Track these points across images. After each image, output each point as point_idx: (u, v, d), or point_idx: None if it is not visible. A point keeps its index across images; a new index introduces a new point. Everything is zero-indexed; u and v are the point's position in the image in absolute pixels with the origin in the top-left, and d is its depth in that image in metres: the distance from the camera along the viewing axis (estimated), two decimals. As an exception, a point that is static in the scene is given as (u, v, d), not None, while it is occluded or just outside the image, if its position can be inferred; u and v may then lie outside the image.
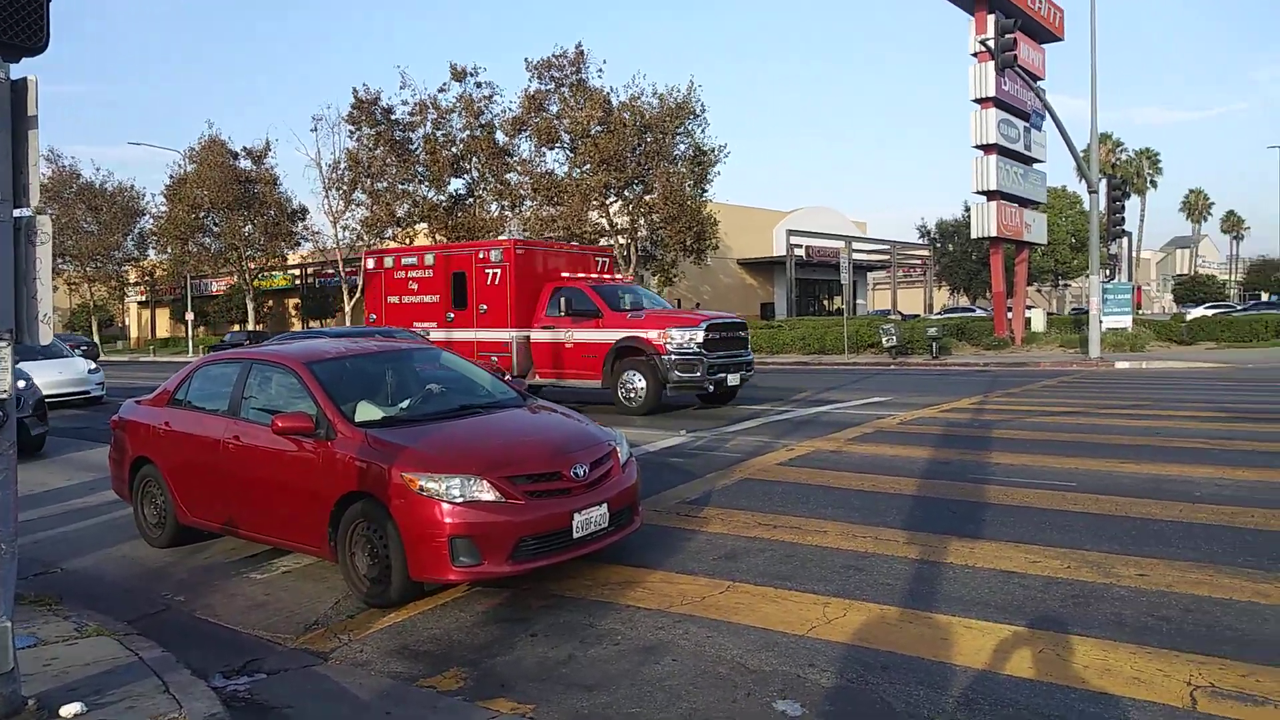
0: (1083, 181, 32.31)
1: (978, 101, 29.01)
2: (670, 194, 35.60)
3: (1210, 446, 10.15)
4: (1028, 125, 30.87)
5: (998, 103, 28.77)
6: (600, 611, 5.37)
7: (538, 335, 15.97)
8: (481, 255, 16.47)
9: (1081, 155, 26.95)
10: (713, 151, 37.57)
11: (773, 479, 9.00)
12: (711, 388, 14.63)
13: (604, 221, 37.39)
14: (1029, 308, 40.88)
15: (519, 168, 39.07)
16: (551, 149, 38.26)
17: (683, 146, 37.51)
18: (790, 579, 5.79)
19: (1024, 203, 31.59)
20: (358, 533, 5.68)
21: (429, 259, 17.38)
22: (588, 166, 36.20)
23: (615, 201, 37.61)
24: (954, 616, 5.05)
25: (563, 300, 15.53)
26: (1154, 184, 77.07)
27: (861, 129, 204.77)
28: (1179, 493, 7.85)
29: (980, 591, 5.44)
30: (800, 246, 49.79)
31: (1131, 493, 7.90)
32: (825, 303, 57.94)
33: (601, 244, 39.56)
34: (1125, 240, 40.52)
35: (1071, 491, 7.97)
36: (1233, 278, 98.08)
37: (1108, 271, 37.26)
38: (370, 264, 18.38)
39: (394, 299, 17.76)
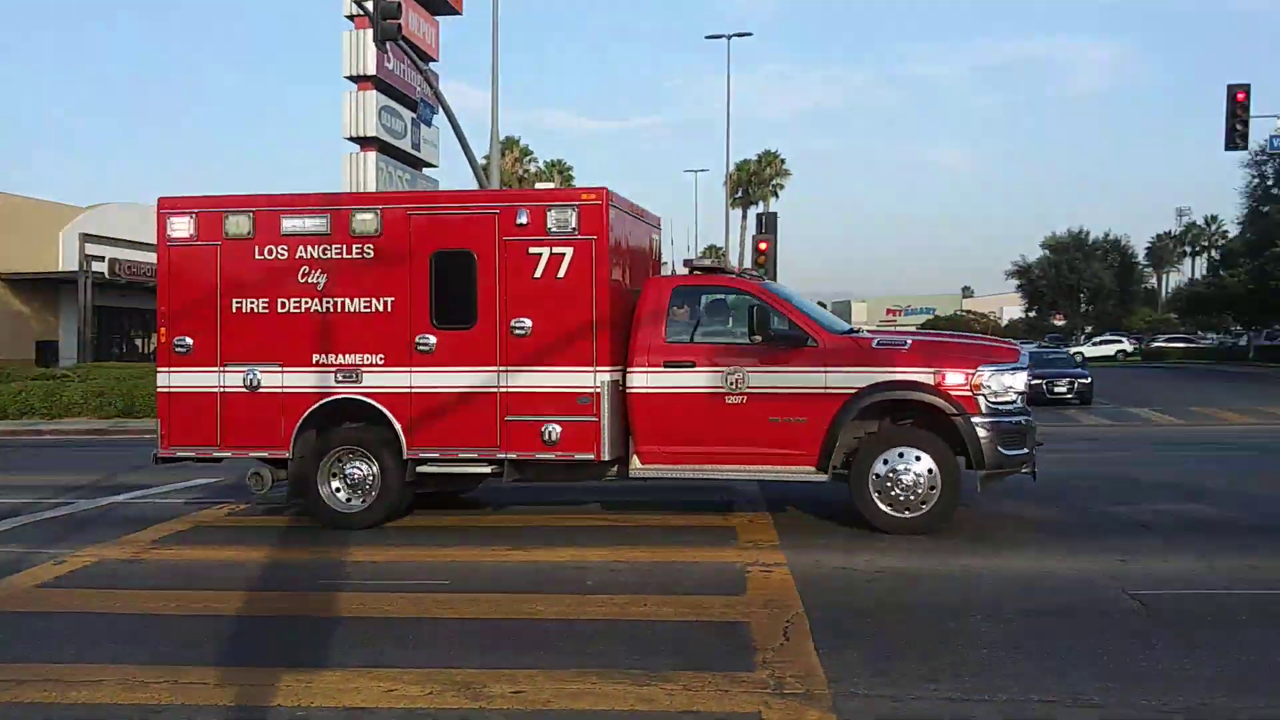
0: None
1: (354, 80, 30.27)
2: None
3: (608, 524, 11.67)
4: (416, 118, 32.90)
5: (380, 85, 30.27)
6: None
7: (646, 379, 11.33)
8: (523, 220, 11.22)
9: (482, 163, 29.46)
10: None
11: (25, 610, 8.36)
12: (1034, 473, 11.40)
13: None
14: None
15: None
16: None
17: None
18: (34, 761, 5.31)
19: (410, 217, 33.47)
20: None
21: (364, 222, 11.50)
22: None
23: None
24: (275, 782, 5.04)
25: (747, 314, 11.12)
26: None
27: (216, 97, 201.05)
28: (570, 582, 8.88)
29: (315, 741, 5.52)
30: (102, 259, 47.13)
31: (516, 587, 8.74)
32: (141, 341, 55.59)
33: None
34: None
35: (444, 592, 8.57)
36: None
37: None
38: (182, 228, 11.98)
39: (254, 304, 11.72)
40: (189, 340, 11.82)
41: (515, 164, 76.40)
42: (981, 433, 10.67)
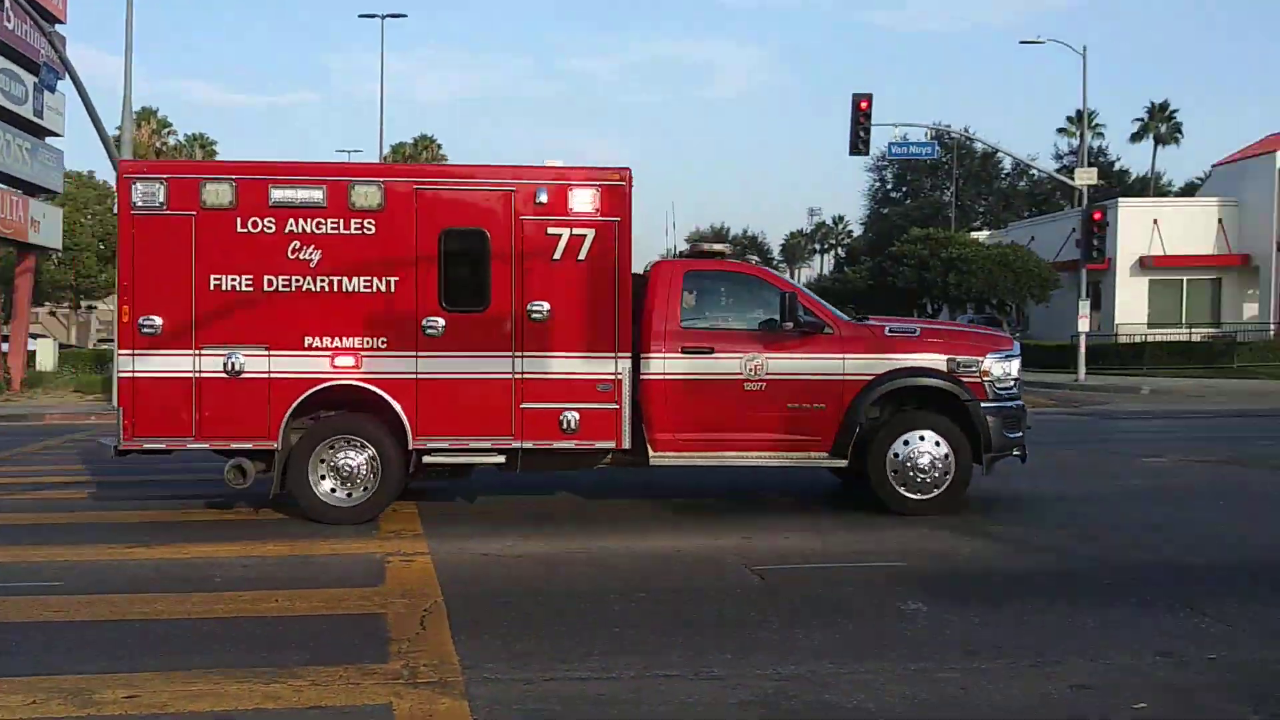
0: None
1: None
2: None
3: (241, 518, 11.26)
4: (39, 83, 30.61)
5: (-3, 44, 28.23)
6: None
7: (664, 366, 11.05)
8: (543, 199, 10.76)
9: (114, 134, 27.56)
10: None
11: None
12: (1024, 456, 11.72)
13: None
14: (36, 337, 40.44)
15: None
16: None
17: None
18: None
19: (31, 189, 31.46)
20: None
21: (367, 195, 10.64)
22: None
23: None
24: None
25: (774, 301, 11.19)
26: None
27: None
28: (197, 580, 8.49)
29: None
30: None
31: (137, 587, 8.26)
32: None
33: None
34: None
35: (56, 595, 7.98)
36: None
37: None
38: (150, 196, 10.58)
39: (236, 281, 10.59)
40: (157, 320, 10.59)
41: (152, 136, 72.09)
42: (989, 417, 11.11)
